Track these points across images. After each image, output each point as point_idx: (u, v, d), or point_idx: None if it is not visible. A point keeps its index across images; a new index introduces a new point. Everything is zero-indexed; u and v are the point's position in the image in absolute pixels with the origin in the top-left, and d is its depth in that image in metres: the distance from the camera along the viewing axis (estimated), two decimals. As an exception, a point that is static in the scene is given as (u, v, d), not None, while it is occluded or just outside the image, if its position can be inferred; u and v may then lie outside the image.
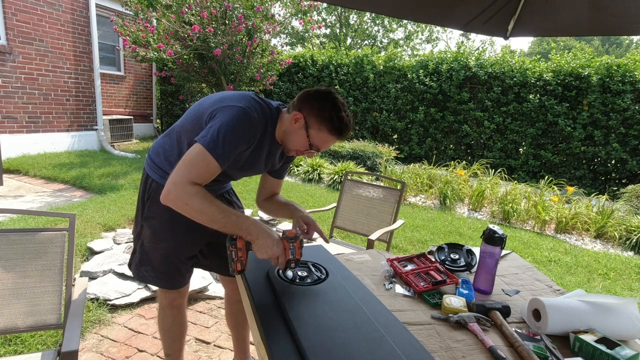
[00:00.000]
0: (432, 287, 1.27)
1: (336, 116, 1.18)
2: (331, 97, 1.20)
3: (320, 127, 1.19)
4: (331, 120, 1.18)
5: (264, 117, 1.22)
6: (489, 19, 1.77)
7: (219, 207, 1.08)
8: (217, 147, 1.08)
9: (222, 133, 1.09)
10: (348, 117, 1.20)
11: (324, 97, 1.20)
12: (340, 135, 1.21)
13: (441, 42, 45.69)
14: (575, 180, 6.98)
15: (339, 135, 1.21)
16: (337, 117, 1.18)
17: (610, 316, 1.06)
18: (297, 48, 17.85)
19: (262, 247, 1.09)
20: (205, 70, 6.20)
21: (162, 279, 1.43)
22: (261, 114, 1.20)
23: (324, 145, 1.24)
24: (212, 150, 1.08)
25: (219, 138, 1.09)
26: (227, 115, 1.13)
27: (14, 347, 1.83)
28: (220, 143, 1.09)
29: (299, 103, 1.22)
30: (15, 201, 4.06)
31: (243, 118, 1.13)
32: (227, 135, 1.10)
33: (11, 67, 5.70)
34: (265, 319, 1.00)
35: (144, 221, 1.37)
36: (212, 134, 1.09)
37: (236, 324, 1.72)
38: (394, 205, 2.57)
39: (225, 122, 1.11)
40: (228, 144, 1.10)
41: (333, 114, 1.18)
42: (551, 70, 7.11)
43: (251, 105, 1.17)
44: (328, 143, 1.23)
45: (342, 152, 6.77)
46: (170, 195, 1.07)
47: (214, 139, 1.08)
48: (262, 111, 1.20)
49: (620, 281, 3.30)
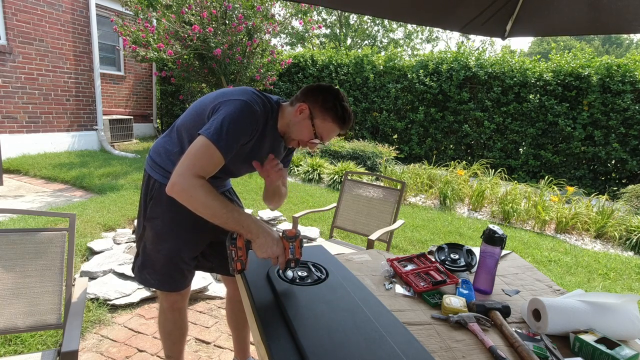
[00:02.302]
0: (432, 287, 1.27)
1: (340, 105, 1.23)
2: (334, 89, 1.25)
3: (324, 116, 1.23)
4: (335, 109, 1.22)
5: (265, 110, 1.24)
6: (487, 20, 1.76)
7: (222, 202, 1.09)
8: (220, 139, 1.10)
9: (225, 125, 1.11)
10: (350, 108, 1.26)
11: (327, 90, 1.25)
12: (343, 124, 1.25)
13: (441, 42, 45.71)
14: (575, 180, 6.98)
15: (343, 124, 1.25)
16: (340, 107, 1.23)
17: (610, 316, 1.06)
18: (297, 48, 17.85)
19: (262, 246, 1.09)
20: (205, 70, 6.20)
21: (164, 282, 1.42)
22: (262, 107, 1.22)
23: (328, 135, 1.26)
24: (216, 142, 1.10)
25: (222, 130, 1.11)
26: (230, 108, 1.15)
27: (14, 347, 1.83)
28: (224, 135, 1.11)
29: (302, 96, 1.26)
30: (15, 201, 4.06)
31: (246, 111, 1.16)
32: (231, 127, 1.12)
33: (11, 67, 5.70)
34: (265, 319, 0.99)
35: (146, 222, 1.37)
36: (216, 126, 1.11)
37: (237, 324, 1.72)
38: (394, 205, 2.57)
39: (229, 115, 1.13)
40: (232, 135, 1.12)
41: (337, 104, 1.22)
42: (551, 70, 7.11)
43: (253, 98, 1.20)
44: (332, 133, 1.26)
45: (342, 152, 6.77)
46: (176, 187, 1.08)
47: (217, 131, 1.10)
48: (263, 105, 1.23)
49: (620, 281, 3.30)
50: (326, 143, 1.30)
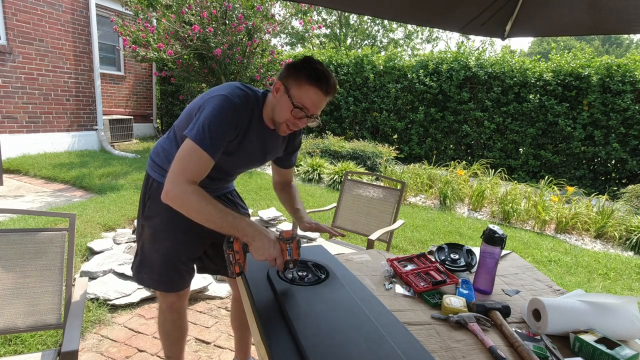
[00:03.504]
0: (432, 287, 1.27)
1: (311, 67, 1.16)
2: (305, 58, 1.20)
3: (299, 82, 1.16)
4: (307, 70, 1.15)
5: (248, 103, 1.22)
6: (486, 21, 1.76)
7: (215, 207, 1.09)
8: (204, 138, 1.10)
9: (206, 124, 1.11)
10: (327, 70, 1.18)
11: (298, 61, 1.20)
12: (320, 83, 1.15)
13: (441, 42, 45.68)
14: (575, 180, 6.98)
15: (319, 83, 1.15)
16: (312, 68, 1.16)
17: (610, 316, 1.06)
18: (297, 48, 17.84)
19: (259, 249, 1.08)
20: (205, 70, 6.21)
21: (161, 282, 1.42)
22: (245, 99, 1.20)
23: (309, 101, 1.17)
24: (200, 142, 1.10)
25: (204, 129, 1.11)
26: (210, 105, 1.15)
27: (14, 347, 1.83)
28: (207, 134, 1.11)
29: (277, 77, 1.23)
30: (15, 201, 4.06)
31: (225, 105, 1.15)
32: (212, 124, 1.12)
33: (11, 67, 5.70)
34: (265, 319, 1.00)
35: (144, 221, 1.38)
36: (198, 126, 1.12)
37: (240, 325, 1.72)
38: (394, 205, 2.57)
39: (209, 113, 1.13)
40: (214, 133, 1.12)
41: (307, 66, 1.16)
42: (551, 70, 7.11)
43: (234, 92, 1.19)
44: (313, 96, 1.16)
45: (342, 152, 6.77)
46: (169, 194, 1.09)
47: (199, 131, 1.11)
48: (245, 97, 1.21)
49: (620, 281, 3.30)
50: (316, 112, 1.22)
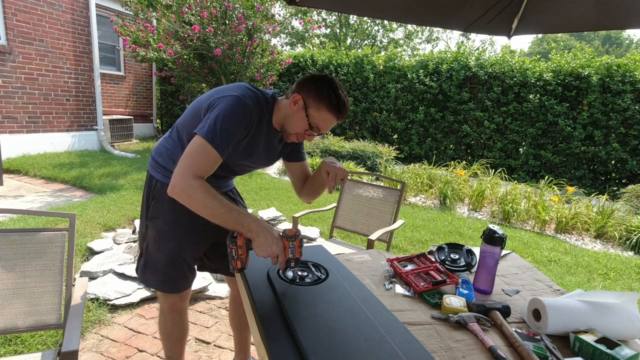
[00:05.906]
0: (432, 287, 1.27)
1: (334, 94, 1.20)
2: (328, 78, 1.22)
3: (319, 105, 1.20)
4: (329, 97, 1.19)
5: (259, 104, 1.23)
6: (492, 19, 1.76)
7: (221, 202, 1.10)
8: (215, 136, 1.11)
9: (218, 122, 1.12)
10: (345, 96, 1.22)
11: (321, 79, 1.23)
12: (338, 112, 1.21)
13: (441, 42, 45.69)
14: (575, 180, 6.98)
15: (338, 112, 1.21)
16: (335, 95, 1.19)
17: (610, 316, 1.06)
18: (297, 48, 17.85)
19: (262, 245, 1.09)
20: (205, 70, 6.20)
21: (165, 283, 1.43)
22: (256, 101, 1.22)
23: (324, 125, 1.24)
24: (211, 140, 1.11)
25: (216, 127, 1.12)
26: (222, 105, 1.16)
27: (14, 347, 1.83)
28: (218, 132, 1.11)
29: (296, 87, 1.24)
30: (15, 201, 4.06)
31: (238, 106, 1.16)
32: (224, 123, 1.12)
33: (11, 67, 5.70)
34: (265, 319, 0.99)
35: (148, 222, 1.38)
36: (210, 124, 1.12)
37: (239, 325, 1.72)
38: (394, 205, 2.57)
39: (222, 112, 1.14)
40: (225, 132, 1.13)
41: (331, 92, 1.20)
42: (551, 70, 7.11)
43: (246, 93, 1.20)
44: (327, 123, 1.23)
45: (342, 152, 6.77)
46: (176, 189, 1.09)
47: (211, 128, 1.11)
48: (256, 99, 1.22)
49: (620, 281, 3.30)
50: (324, 133, 1.27)
